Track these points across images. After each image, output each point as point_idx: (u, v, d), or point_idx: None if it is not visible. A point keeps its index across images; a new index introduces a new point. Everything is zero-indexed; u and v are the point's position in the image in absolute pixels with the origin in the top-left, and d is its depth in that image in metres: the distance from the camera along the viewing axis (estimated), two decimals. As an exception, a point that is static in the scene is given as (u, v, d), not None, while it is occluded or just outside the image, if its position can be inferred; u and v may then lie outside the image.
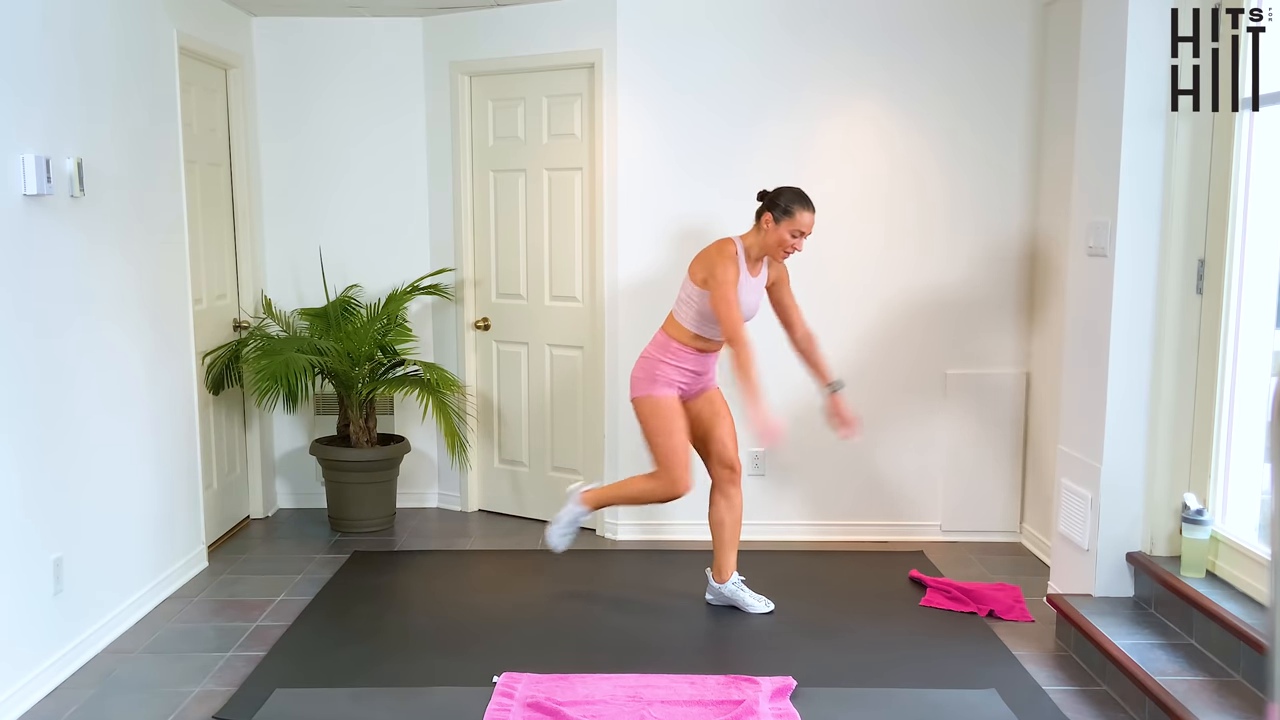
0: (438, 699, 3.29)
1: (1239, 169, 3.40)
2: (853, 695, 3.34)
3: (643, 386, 3.89)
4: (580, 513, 4.08)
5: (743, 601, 4.02)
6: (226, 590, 4.29)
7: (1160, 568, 3.54)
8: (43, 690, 3.34)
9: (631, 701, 3.23)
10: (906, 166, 4.75)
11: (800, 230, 3.77)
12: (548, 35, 4.87)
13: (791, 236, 3.77)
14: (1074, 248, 3.90)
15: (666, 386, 3.88)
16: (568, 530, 4.10)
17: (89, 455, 3.66)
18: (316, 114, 5.23)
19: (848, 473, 4.92)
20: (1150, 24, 3.46)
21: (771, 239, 3.80)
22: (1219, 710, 2.91)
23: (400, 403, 5.34)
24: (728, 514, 3.99)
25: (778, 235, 3.78)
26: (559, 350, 5.10)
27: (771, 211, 3.79)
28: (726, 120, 4.73)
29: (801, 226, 3.77)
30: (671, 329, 3.90)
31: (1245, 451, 3.46)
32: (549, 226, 5.04)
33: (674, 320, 3.91)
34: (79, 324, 3.60)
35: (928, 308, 4.82)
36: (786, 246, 3.80)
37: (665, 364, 3.87)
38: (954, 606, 4.06)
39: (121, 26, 3.93)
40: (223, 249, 4.99)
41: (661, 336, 3.92)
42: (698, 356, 3.90)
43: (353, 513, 5.05)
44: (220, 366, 4.79)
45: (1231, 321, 3.45)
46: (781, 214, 3.77)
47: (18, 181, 3.25)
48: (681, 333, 3.88)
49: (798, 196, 3.78)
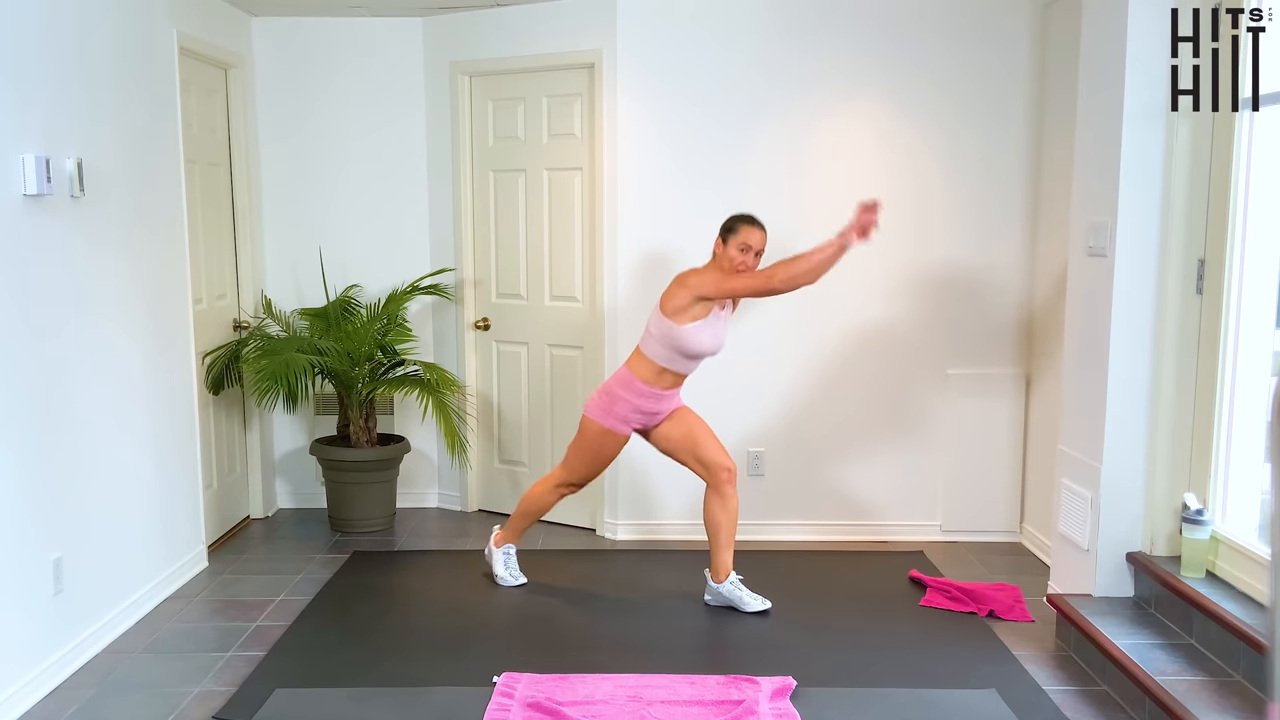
0: (438, 699, 3.29)
1: (1239, 169, 3.40)
2: (853, 695, 3.34)
3: (598, 413, 3.98)
4: (504, 551, 4.32)
5: (740, 600, 4.03)
6: (226, 590, 4.29)
7: (1160, 568, 3.54)
8: (43, 690, 3.34)
9: (631, 701, 3.23)
10: (906, 166, 4.75)
11: (747, 244, 3.83)
12: (548, 35, 4.87)
13: (740, 252, 3.83)
14: (1074, 248, 3.89)
15: (621, 423, 3.96)
16: (510, 570, 4.31)
17: (89, 455, 3.66)
18: (316, 114, 5.23)
19: (848, 472, 4.92)
20: (1150, 24, 3.46)
21: (724, 259, 3.87)
22: (1219, 710, 2.91)
23: (400, 403, 5.34)
24: (722, 514, 3.99)
25: (728, 254, 3.86)
26: (559, 350, 5.10)
27: (722, 237, 3.90)
28: (726, 120, 4.73)
29: (748, 240, 3.84)
30: (636, 365, 3.93)
31: (1245, 451, 3.46)
32: (549, 226, 5.04)
33: (640, 355, 3.93)
34: (79, 324, 3.60)
35: (928, 308, 4.82)
36: (736, 263, 3.84)
37: (625, 401, 3.93)
38: (954, 606, 4.06)
39: (121, 26, 3.93)
40: (223, 249, 4.99)
41: (625, 374, 3.95)
42: (658, 395, 3.93)
43: (353, 513, 5.05)
44: (220, 366, 4.79)
45: (1231, 321, 3.45)
46: (728, 234, 3.87)
47: (18, 181, 3.25)
48: (646, 370, 3.90)
49: (742, 216, 3.93)
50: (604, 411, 3.96)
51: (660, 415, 4.01)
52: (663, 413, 4.01)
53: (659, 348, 3.87)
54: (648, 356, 3.90)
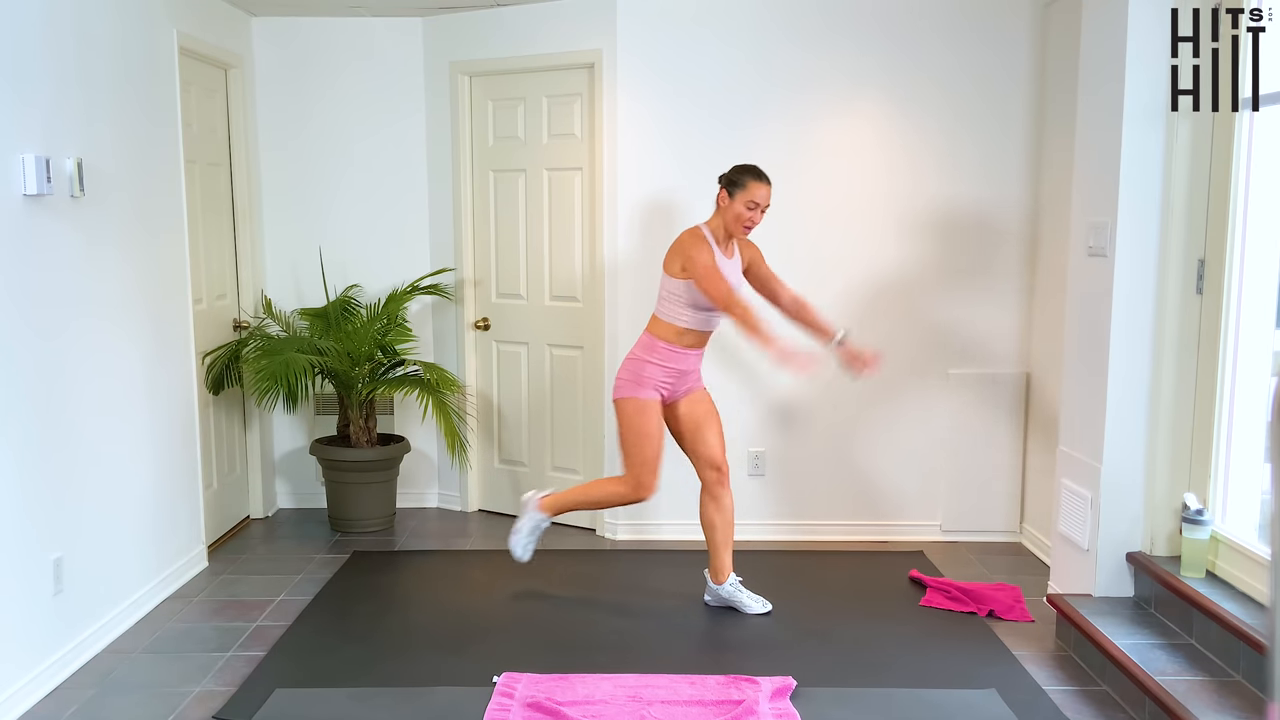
0: (438, 699, 3.29)
1: (1239, 169, 3.40)
2: (853, 695, 3.34)
3: (627, 388, 3.90)
4: (540, 519, 4.08)
5: (740, 602, 4.02)
6: (226, 590, 4.29)
7: (1160, 568, 3.54)
8: (43, 690, 3.34)
9: (631, 701, 3.23)
10: (905, 166, 4.75)
11: (754, 201, 3.80)
12: (548, 35, 4.87)
13: (747, 209, 3.80)
14: (1074, 248, 3.89)
15: (651, 390, 3.89)
16: (530, 539, 4.10)
17: (89, 455, 3.66)
18: (316, 114, 5.23)
19: (848, 472, 4.92)
20: (1150, 24, 3.46)
21: (729, 215, 3.83)
22: (1219, 710, 2.91)
23: (400, 403, 5.34)
24: (717, 516, 3.99)
25: (734, 210, 3.82)
26: (559, 350, 5.10)
27: (727, 189, 3.85)
28: (726, 120, 4.73)
29: (755, 197, 3.80)
30: (656, 329, 3.91)
31: (1245, 451, 3.46)
32: (549, 226, 5.04)
33: (658, 320, 3.91)
34: (79, 324, 3.60)
35: (928, 308, 4.82)
36: (744, 220, 3.82)
37: (651, 364, 3.87)
38: (954, 606, 4.06)
39: (121, 26, 3.93)
40: (223, 249, 4.99)
41: (646, 338, 3.92)
42: (683, 354, 3.89)
43: (353, 513, 5.05)
44: (220, 366, 4.79)
45: (1231, 321, 3.45)
46: (735, 188, 3.82)
47: (18, 181, 3.25)
48: (667, 330, 3.88)
49: (749, 169, 3.85)
50: (634, 383, 3.87)
51: (689, 377, 3.95)
52: (691, 373, 3.95)
53: (674, 307, 3.84)
54: (665, 320, 3.87)
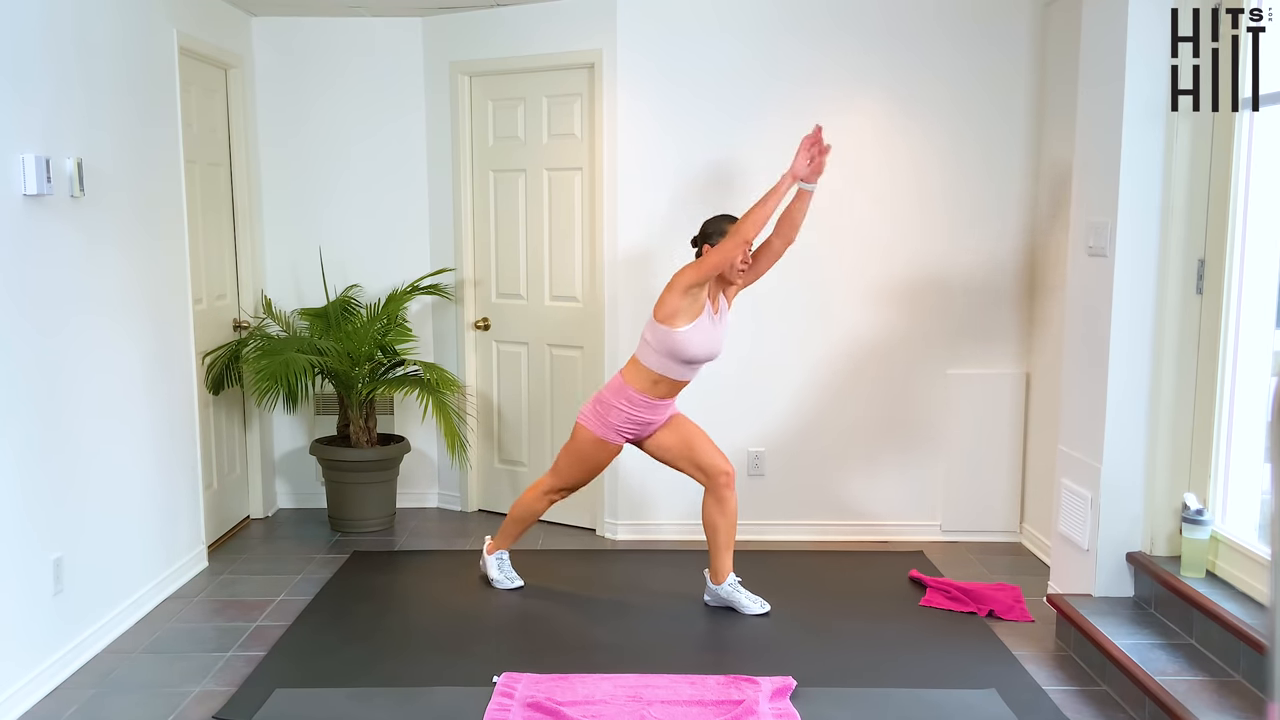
0: (438, 699, 3.29)
1: (1239, 169, 3.40)
2: (853, 695, 3.34)
3: (591, 423, 3.96)
4: (498, 556, 4.29)
5: (738, 603, 4.02)
6: (226, 590, 4.29)
7: (1160, 568, 3.54)
8: (43, 690, 3.34)
9: (631, 701, 3.23)
10: (907, 165, 4.75)
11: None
12: (548, 35, 4.87)
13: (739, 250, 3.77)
14: (1074, 247, 3.89)
15: (614, 434, 3.93)
16: (503, 574, 4.28)
17: (89, 455, 3.66)
18: (316, 114, 5.23)
19: (848, 472, 4.92)
20: (1150, 24, 3.46)
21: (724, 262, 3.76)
22: (1219, 710, 2.91)
23: (400, 403, 5.34)
24: (720, 517, 3.99)
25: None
26: (559, 350, 5.10)
27: (708, 241, 3.86)
28: (726, 120, 4.73)
29: None
30: (631, 374, 3.90)
31: (1245, 451, 3.46)
32: (549, 226, 5.04)
33: (635, 364, 3.90)
34: (79, 324, 3.60)
35: (928, 307, 4.82)
36: (737, 264, 3.80)
37: (617, 409, 3.90)
38: (954, 606, 4.06)
39: (121, 27, 3.93)
40: (223, 249, 4.99)
41: (618, 381, 3.92)
42: (652, 405, 3.91)
43: (353, 513, 5.05)
44: (220, 366, 4.79)
45: (1231, 321, 3.45)
46: (719, 237, 3.81)
47: (18, 181, 3.25)
48: (642, 379, 3.87)
49: (725, 217, 3.89)
50: (598, 420, 3.94)
51: (654, 425, 3.98)
52: (656, 423, 3.98)
53: (655, 355, 3.84)
54: (644, 365, 3.87)
